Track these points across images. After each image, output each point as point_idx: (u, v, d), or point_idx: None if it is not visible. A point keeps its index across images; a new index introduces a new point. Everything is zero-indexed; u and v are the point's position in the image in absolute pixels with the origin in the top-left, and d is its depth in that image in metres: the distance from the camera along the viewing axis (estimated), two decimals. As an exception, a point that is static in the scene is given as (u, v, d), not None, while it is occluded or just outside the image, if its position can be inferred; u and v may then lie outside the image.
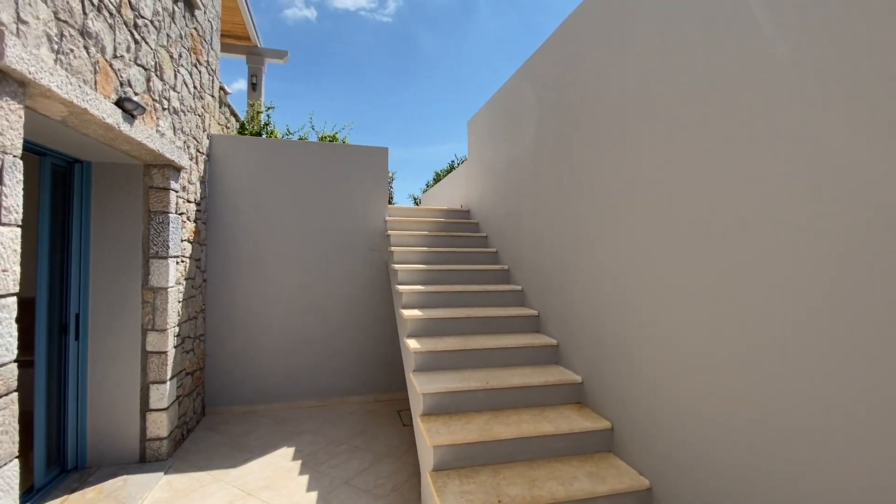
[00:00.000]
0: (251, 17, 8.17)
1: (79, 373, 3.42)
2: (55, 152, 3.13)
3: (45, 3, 2.03)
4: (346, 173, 5.13)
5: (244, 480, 3.39)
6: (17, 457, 1.90)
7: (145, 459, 3.58)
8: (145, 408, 3.59)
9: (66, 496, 3.02)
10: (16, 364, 1.91)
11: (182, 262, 3.98)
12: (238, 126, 5.76)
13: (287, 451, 3.89)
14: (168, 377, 3.66)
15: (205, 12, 4.43)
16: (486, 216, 5.24)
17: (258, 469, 3.57)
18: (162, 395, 3.62)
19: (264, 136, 5.77)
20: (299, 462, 3.70)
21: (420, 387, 2.83)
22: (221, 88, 5.16)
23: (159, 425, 3.61)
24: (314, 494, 3.19)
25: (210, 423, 4.48)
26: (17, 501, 1.89)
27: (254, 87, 9.04)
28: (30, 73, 1.86)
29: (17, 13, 1.85)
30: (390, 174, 10.90)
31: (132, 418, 3.56)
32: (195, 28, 4.19)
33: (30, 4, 1.92)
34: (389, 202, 11.09)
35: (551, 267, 3.55)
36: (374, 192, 5.21)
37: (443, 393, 2.83)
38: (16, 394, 1.90)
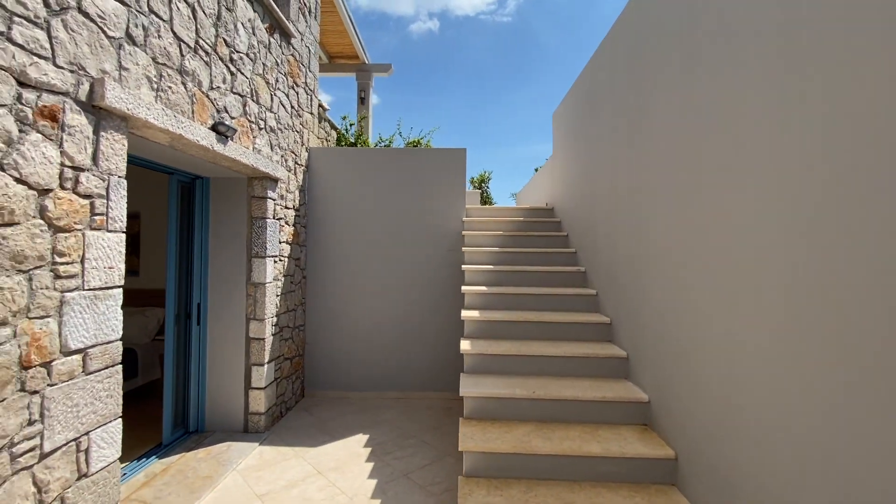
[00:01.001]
0: (358, 38, 8.93)
1: (199, 352, 4.14)
2: (180, 171, 3.84)
3: (144, 51, 2.51)
4: (424, 176, 5.29)
5: (319, 460, 3.74)
6: (120, 416, 2.38)
7: (248, 430, 4.19)
8: (248, 386, 4.20)
9: (183, 454, 3.70)
10: (120, 342, 2.39)
11: (280, 260, 4.55)
12: (336, 138, 6.36)
13: (362, 438, 4.18)
14: (266, 361, 4.22)
15: (301, 39, 4.99)
16: (568, 214, 4.92)
17: (333, 451, 3.90)
18: (261, 375, 4.19)
19: (358, 147, 6.26)
20: (369, 450, 3.94)
21: (463, 389, 2.80)
22: (320, 105, 5.75)
23: (258, 402, 4.18)
24: (373, 483, 3.37)
25: (306, 405, 5.04)
26: (120, 451, 2.38)
27: (362, 100, 9.86)
28: (128, 109, 2.33)
29: (119, 62, 2.33)
30: (486, 174, 10.93)
31: (238, 394, 4.19)
32: (292, 54, 4.75)
33: (130, 54, 2.40)
34: (487, 202, 11.11)
35: (623, 270, 3.18)
36: (451, 192, 5.28)
37: (485, 398, 2.75)
38: (120, 366, 2.39)
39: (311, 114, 5.40)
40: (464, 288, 3.96)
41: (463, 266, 4.36)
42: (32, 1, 1.84)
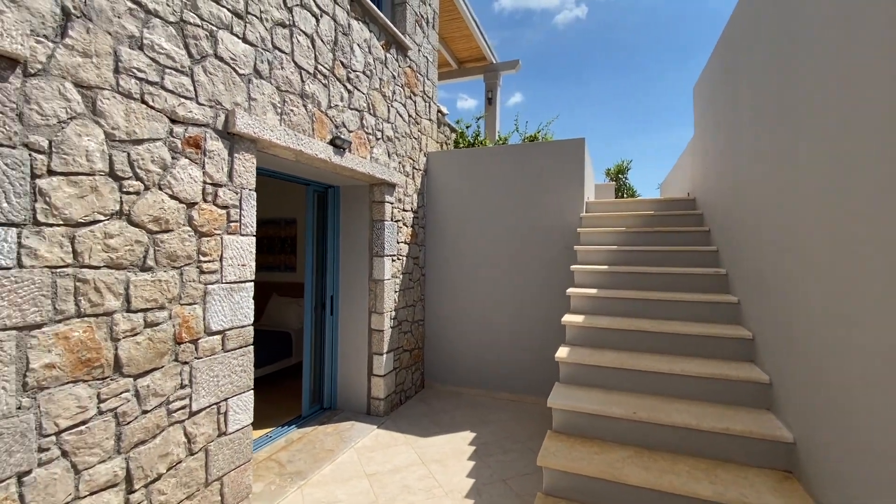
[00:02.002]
0: (485, 40, 9.03)
1: (332, 339, 4.73)
2: (315, 182, 4.44)
3: (269, 82, 2.97)
4: (539, 171, 5.07)
5: (425, 450, 3.91)
6: (251, 389, 2.87)
7: (369, 413, 4.62)
8: (370, 372, 4.63)
9: (316, 426, 4.27)
10: (252, 326, 2.88)
11: (398, 259, 4.90)
12: (455, 140, 6.53)
13: (468, 436, 4.23)
14: (385, 351, 4.60)
15: (418, 50, 5.27)
16: (710, 206, 4.15)
17: (439, 444, 4.04)
18: (380, 364, 4.58)
19: (476, 147, 6.33)
20: (473, 448, 3.97)
21: (552, 399, 2.60)
22: (439, 111, 5.99)
23: (378, 388, 4.58)
24: (470, 482, 3.38)
25: (424, 396, 5.32)
26: (252, 417, 2.86)
27: (489, 100, 9.93)
28: (255, 133, 2.78)
29: (248, 94, 2.80)
30: (625, 163, 9.88)
31: (362, 379, 4.66)
32: (409, 66, 5.06)
33: (257, 86, 2.86)
34: (630, 194, 10.09)
35: (770, 277, 2.54)
36: (568, 187, 4.94)
37: (575, 412, 2.51)
38: (252, 347, 2.87)
39: (430, 120, 5.67)
40: (570, 290, 3.67)
41: (572, 267, 4.05)
42: (179, 54, 2.33)
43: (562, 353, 3.02)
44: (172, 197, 2.33)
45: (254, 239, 2.89)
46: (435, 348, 5.57)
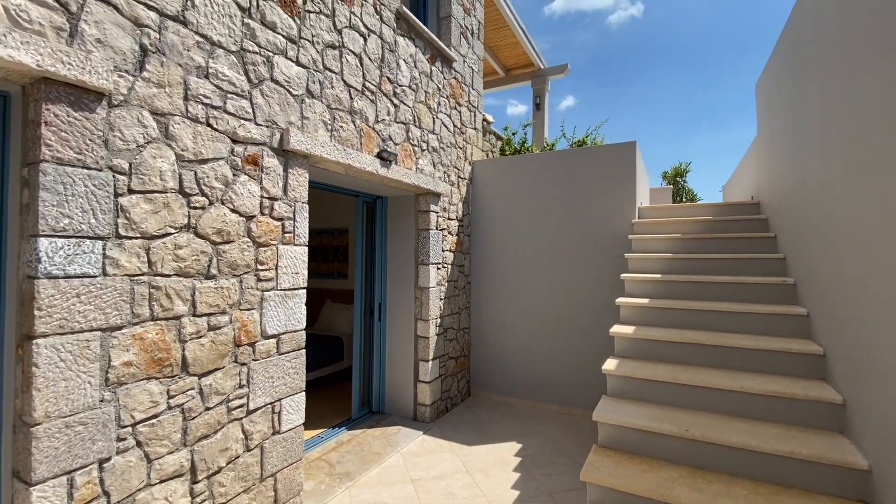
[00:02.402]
0: (532, 47, 8.99)
1: (380, 344, 4.86)
2: (364, 193, 4.62)
3: (320, 101, 3.15)
4: (587, 177, 4.95)
5: (469, 459, 3.90)
6: (303, 391, 3.02)
7: (416, 419, 4.69)
8: (416, 378, 4.70)
9: (364, 429, 4.39)
10: (304, 331, 3.04)
11: (443, 267, 4.96)
12: (500, 147, 6.53)
13: (514, 446, 4.17)
14: (430, 357, 4.66)
15: (463, 61, 5.35)
16: (776, 210, 3.84)
17: (484, 453, 4.02)
18: (426, 371, 4.64)
19: (522, 154, 6.29)
20: (519, 460, 3.91)
21: (598, 412, 2.52)
22: (485, 120, 6.03)
23: (424, 394, 4.64)
24: (515, 494, 3.33)
25: (470, 404, 5.32)
26: (303, 417, 3.01)
27: (538, 106, 9.84)
28: (307, 149, 2.96)
29: (301, 113, 2.98)
30: (683, 166, 9.34)
31: (409, 385, 4.74)
32: (454, 77, 5.15)
33: (309, 105, 3.05)
34: (692, 199, 9.56)
35: (846, 288, 2.32)
36: (619, 192, 4.78)
37: (622, 427, 2.41)
38: (304, 350, 3.03)
39: (475, 129, 5.72)
40: (619, 300, 3.53)
41: (622, 275, 3.90)
42: (240, 80, 2.55)
43: (609, 365, 2.91)
44: (233, 211, 2.53)
45: (306, 248, 3.06)
46: (481, 357, 5.56)
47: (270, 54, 2.74)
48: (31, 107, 1.79)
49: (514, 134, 6.48)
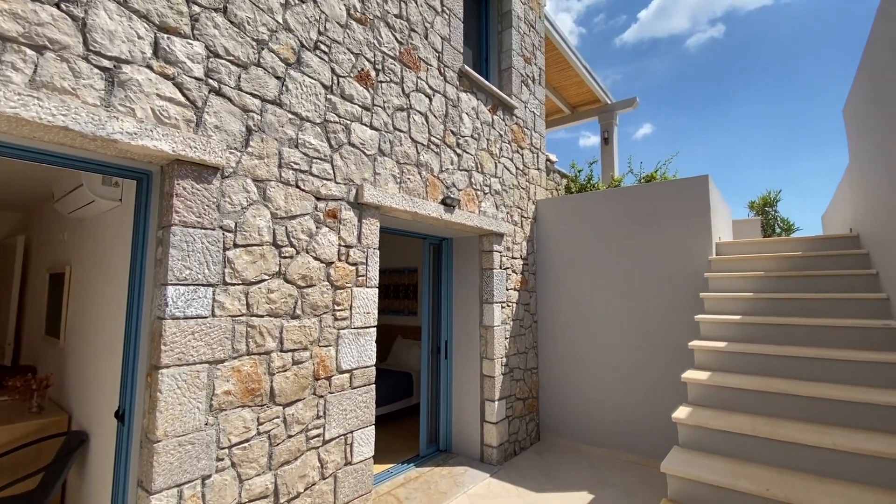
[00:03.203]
0: (597, 84, 9.07)
1: (447, 382, 4.97)
2: (430, 236, 4.91)
3: (390, 158, 3.51)
4: (657, 213, 4.81)
5: (536, 506, 3.79)
6: (373, 424, 3.22)
7: (483, 460, 4.66)
8: (482, 419, 4.72)
9: (432, 467, 4.46)
10: (374, 366, 3.27)
11: (508, 306, 5.02)
12: (565, 185, 6.56)
13: (585, 497, 3.98)
14: (496, 398, 4.67)
15: (525, 107, 5.58)
16: (879, 244, 3.45)
17: (553, 502, 3.88)
18: (492, 411, 4.65)
19: (588, 191, 6.27)
20: (590, 511, 3.72)
21: (666, 464, 2.41)
22: (548, 160, 6.15)
23: (491, 435, 4.63)
24: (584, 546, 3.18)
25: (539, 448, 5.17)
26: (373, 450, 3.19)
27: (605, 141, 9.76)
28: (379, 201, 3.30)
29: (374, 170, 3.35)
30: (772, 195, 8.57)
31: (475, 425, 4.76)
32: (515, 123, 5.38)
33: (381, 162, 3.41)
34: (787, 230, 8.71)
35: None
36: (692, 228, 4.58)
37: (696, 482, 2.28)
38: (374, 385, 3.25)
39: (538, 169, 5.85)
40: (692, 343, 3.35)
41: (697, 317, 3.69)
42: (323, 147, 2.96)
43: (681, 413, 2.76)
44: (316, 258, 2.89)
45: (377, 290, 3.34)
46: (550, 399, 5.43)
47: (348, 122, 3.15)
48: (166, 182, 2.27)
49: (579, 171, 6.51)
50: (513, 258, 5.17)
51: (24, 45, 1.79)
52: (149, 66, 2.14)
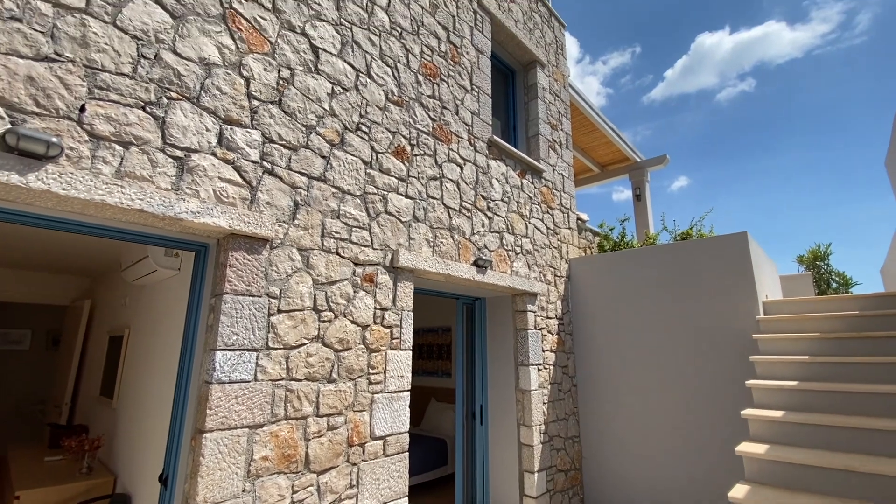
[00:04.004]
0: (625, 143, 9.28)
1: (483, 450, 4.77)
2: (463, 296, 4.96)
3: (424, 223, 3.68)
4: (695, 271, 4.69)
5: None
6: (406, 495, 3.11)
7: (523, 538, 4.33)
8: (521, 492, 4.44)
9: (467, 544, 4.18)
10: (408, 433, 3.22)
11: (545, 368, 4.88)
12: (598, 243, 6.54)
13: (639, 586, 3.58)
14: (536, 469, 4.42)
15: (553, 170, 5.76)
16: (946, 303, 3.21)
17: (602, 591, 3.52)
18: (532, 484, 4.38)
19: (621, 249, 6.22)
20: None
21: (726, 552, 2.18)
22: (579, 219, 6.21)
23: (530, 511, 4.33)
24: None
25: (584, 527, 4.76)
26: (405, 525, 3.06)
27: (638, 197, 9.76)
28: (413, 265, 3.43)
29: (409, 236, 3.52)
30: (822, 248, 8.15)
31: (514, 499, 4.48)
32: (545, 185, 5.54)
33: (415, 228, 3.58)
34: (845, 284, 8.19)
35: None
36: (734, 287, 4.41)
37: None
38: (407, 453, 3.18)
39: (570, 228, 5.91)
40: (746, 412, 3.12)
41: (748, 382, 3.46)
42: (361, 216, 3.17)
43: (738, 492, 2.53)
44: (353, 322, 2.99)
45: (410, 353, 3.37)
46: (594, 471, 5.06)
47: (385, 193, 3.38)
48: (221, 254, 2.48)
49: (611, 229, 6.51)
50: (547, 318, 5.10)
51: (114, 142, 2.10)
52: (213, 153, 2.43)
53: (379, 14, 3.61)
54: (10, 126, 1.83)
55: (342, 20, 3.29)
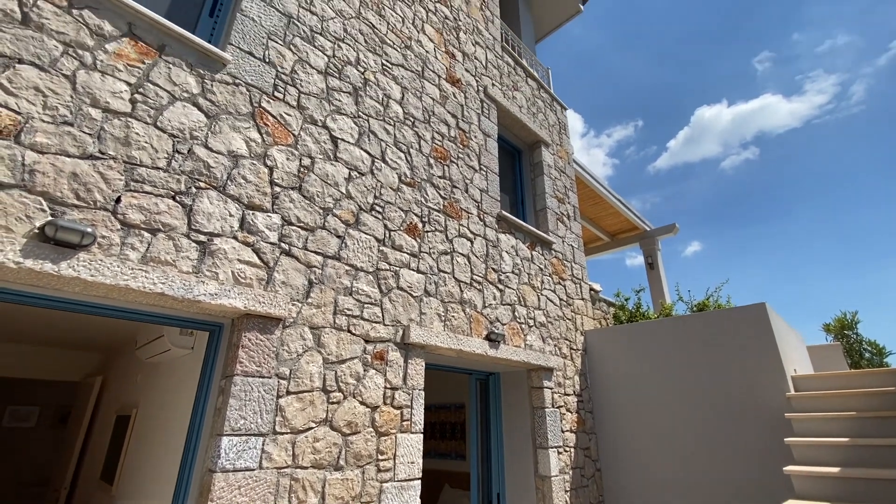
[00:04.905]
0: (632, 212, 9.44)
1: (501, 546, 4.36)
2: (476, 371, 4.82)
3: (435, 297, 3.70)
4: (715, 344, 4.54)
5: None
6: None
7: None
8: None
9: None
10: (418, 528, 2.99)
11: (565, 451, 4.59)
12: (613, 313, 6.43)
13: None
14: (560, 568, 3.99)
15: (562, 242, 5.85)
16: None
17: None
18: (557, 587, 3.93)
19: (638, 320, 6.10)
20: None
21: None
22: (591, 289, 6.17)
23: None
24: None
25: None
26: None
27: (650, 266, 9.73)
28: (424, 340, 3.39)
29: (420, 311, 3.52)
30: (850, 316, 7.84)
31: None
32: (555, 257, 5.59)
33: (426, 303, 3.60)
34: (879, 354, 7.77)
35: None
36: (757, 361, 4.23)
37: None
38: (417, 551, 2.93)
39: (583, 299, 5.85)
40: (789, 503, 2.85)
41: (785, 469, 3.20)
42: (373, 292, 3.21)
43: None
44: (362, 403, 2.91)
45: (421, 436, 3.22)
46: (625, 570, 4.54)
47: (397, 268, 3.45)
48: (235, 334, 2.51)
49: (626, 300, 6.42)
50: (565, 395, 4.89)
51: (143, 229, 2.23)
52: (234, 237, 2.55)
53: (394, 106, 3.93)
54: (50, 218, 1.98)
55: (360, 113, 3.59)
